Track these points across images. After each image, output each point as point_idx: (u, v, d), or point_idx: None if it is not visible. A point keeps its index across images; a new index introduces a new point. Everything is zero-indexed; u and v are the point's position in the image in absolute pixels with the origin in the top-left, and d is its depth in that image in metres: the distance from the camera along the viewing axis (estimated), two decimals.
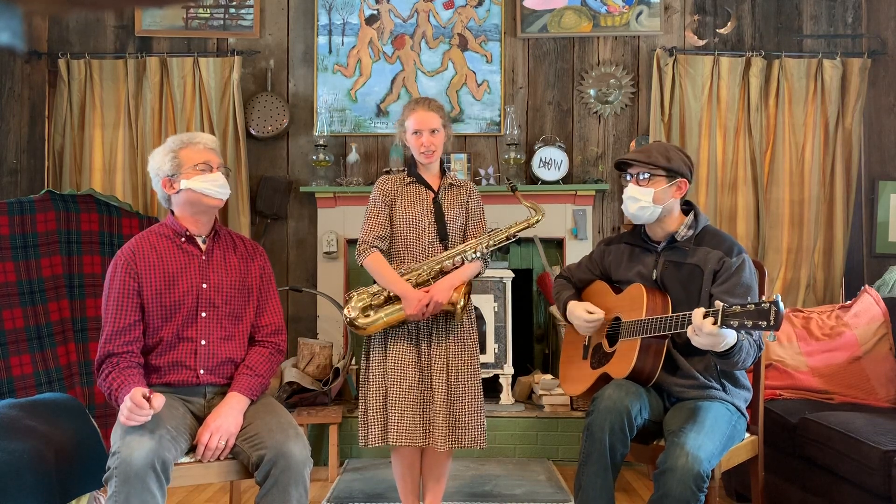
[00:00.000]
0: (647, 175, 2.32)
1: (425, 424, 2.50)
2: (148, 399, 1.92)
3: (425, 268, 2.52)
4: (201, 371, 2.18)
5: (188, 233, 2.24)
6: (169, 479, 1.93)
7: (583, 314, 2.42)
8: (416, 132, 2.58)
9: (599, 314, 2.40)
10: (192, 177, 2.19)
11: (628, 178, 2.38)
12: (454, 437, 2.50)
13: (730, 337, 2.04)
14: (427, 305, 2.44)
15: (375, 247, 2.55)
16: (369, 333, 2.56)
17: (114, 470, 1.88)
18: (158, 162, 2.24)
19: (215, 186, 2.20)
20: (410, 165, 2.67)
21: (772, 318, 1.87)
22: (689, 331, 2.05)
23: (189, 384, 2.18)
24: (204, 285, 2.21)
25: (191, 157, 2.21)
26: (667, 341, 2.26)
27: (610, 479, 2.14)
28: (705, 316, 2.01)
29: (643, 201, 2.32)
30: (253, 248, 2.36)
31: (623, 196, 2.39)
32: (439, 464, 2.63)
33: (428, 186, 2.62)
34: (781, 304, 1.88)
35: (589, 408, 2.22)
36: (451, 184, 2.65)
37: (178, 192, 2.22)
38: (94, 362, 2.14)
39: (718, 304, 2.00)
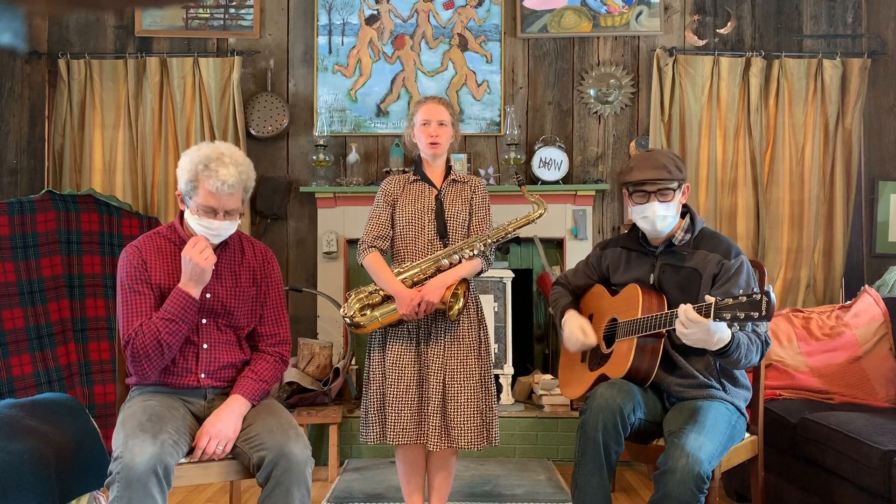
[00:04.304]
0: (673, 189, 2.28)
1: (422, 423, 2.49)
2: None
3: (423, 266, 2.51)
4: (202, 375, 2.17)
5: None
6: (171, 484, 1.92)
7: (577, 330, 2.41)
8: (424, 122, 2.58)
9: (591, 340, 2.39)
10: (195, 213, 2.13)
11: (635, 194, 2.29)
12: (449, 438, 2.48)
13: (723, 333, 2.04)
14: (419, 305, 2.44)
15: (374, 246, 2.55)
16: (366, 332, 2.56)
17: (116, 475, 1.87)
18: (182, 171, 2.13)
19: (209, 231, 2.13)
20: (416, 164, 2.67)
21: (763, 308, 1.88)
22: (678, 325, 2.05)
23: (189, 387, 2.17)
24: (207, 295, 2.18)
25: (203, 196, 2.09)
26: (664, 341, 2.26)
27: (605, 477, 2.14)
28: (697, 311, 2.00)
29: (670, 217, 2.30)
30: (261, 255, 2.32)
31: (642, 214, 2.30)
32: (444, 463, 2.61)
33: (431, 184, 2.61)
34: (773, 295, 1.88)
35: (581, 407, 2.23)
36: (454, 180, 2.63)
37: (185, 209, 2.18)
38: (125, 349, 2.08)
39: (710, 298, 2.00)
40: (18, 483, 1.95)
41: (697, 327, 2.01)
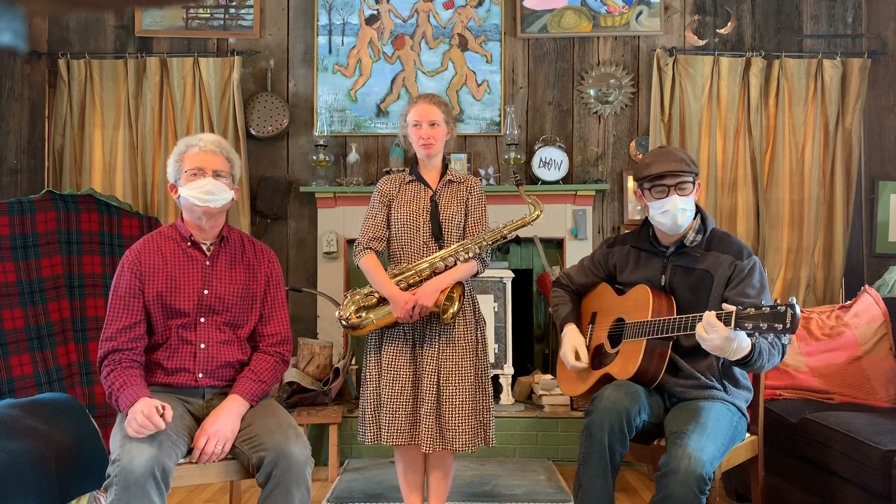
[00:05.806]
0: (690, 182, 2.28)
1: (417, 425, 2.49)
2: (161, 414, 1.92)
3: (418, 268, 2.49)
4: (200, 374, 2.17)
5: (192, 238, 2.22)
6: (169, 486, 1.92)
7: (570, 352, 2.42)
8: (416, 123, 2.55)
9: (583, 363, 2.40)
10: (185, 183, 2.17)
11: (654, 189, 2.28)
12: (443, 440, 2.47)
13: (743, 342, 2.03)
14: (413, 308, 2.43)
15: (370, 248, 2.55)
16: (362, 334, 2.55)
17: (114, 478, 1.87)
18: (170, 164, 2.24)
19: (200, 193, 2.15)
20: (412, 164, 2.65)
21: (788, 320, 1.86)
22: (699, 329, 2.03)
23: (188, 387, 2.17)
24: (205, 291, 2.19)
25: (188, 162, 2.18)
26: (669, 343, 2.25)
27: (609, 479, 2.13)
28: (717, 318, 2.00)
29: (689, 210, 2.29)
30: (262, 254, 2.32)
31: (661, 209, 2.27)
32: (441, 463, 2.60)
33: (427, 185, 2.60)
34: (797, 307, 1.86)
35: (588, 408, 2.22)
36: (450, 180, 2.61)
37: (178, 198, 2.22)
38: (97, 359, 2.14)
39: (729, 306, 1.99)
40: (18, 483, 1.95)
41: (716, 334, 2.00)
